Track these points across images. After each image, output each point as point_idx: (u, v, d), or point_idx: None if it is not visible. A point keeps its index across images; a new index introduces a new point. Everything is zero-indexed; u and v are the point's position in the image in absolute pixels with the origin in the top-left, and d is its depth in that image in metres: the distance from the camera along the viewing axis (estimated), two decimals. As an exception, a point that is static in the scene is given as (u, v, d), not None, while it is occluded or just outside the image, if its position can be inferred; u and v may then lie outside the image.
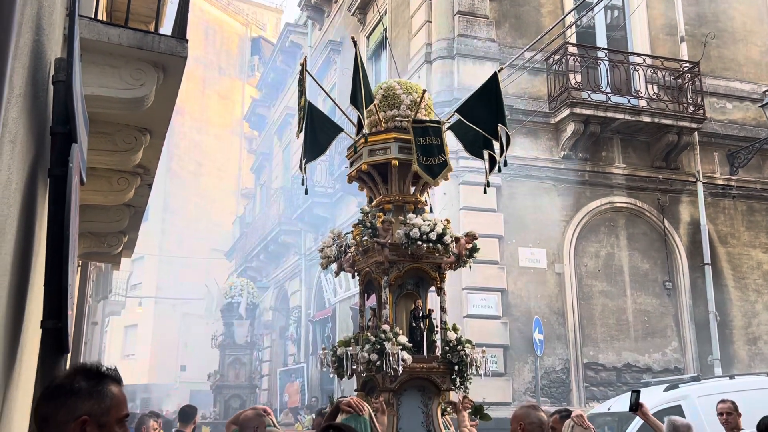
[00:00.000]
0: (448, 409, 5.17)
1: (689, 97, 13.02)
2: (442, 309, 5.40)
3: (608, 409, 9.29)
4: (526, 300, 11.86)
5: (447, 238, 5.11)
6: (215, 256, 28.86)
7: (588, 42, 13.48)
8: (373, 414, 4.30)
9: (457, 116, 5.31)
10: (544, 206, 12.35)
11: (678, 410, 8.35)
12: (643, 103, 12.75)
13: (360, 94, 4.92)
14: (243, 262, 24.63)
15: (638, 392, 5.31)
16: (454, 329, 5.29)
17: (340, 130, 5.54)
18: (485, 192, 5.53)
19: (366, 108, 5.05)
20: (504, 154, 5.10)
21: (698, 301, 12.68)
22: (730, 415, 6.17)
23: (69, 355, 3.53)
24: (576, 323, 11.99)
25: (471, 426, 5.12)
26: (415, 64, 13.37)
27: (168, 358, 29.59)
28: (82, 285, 8.06)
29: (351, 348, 5.13)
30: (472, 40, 12.83)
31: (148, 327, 29.99)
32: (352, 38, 5.36)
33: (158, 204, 29.74)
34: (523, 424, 3.64)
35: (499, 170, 5.30)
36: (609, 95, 12.51)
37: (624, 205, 12.87)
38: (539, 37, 11.21)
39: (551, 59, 12.54)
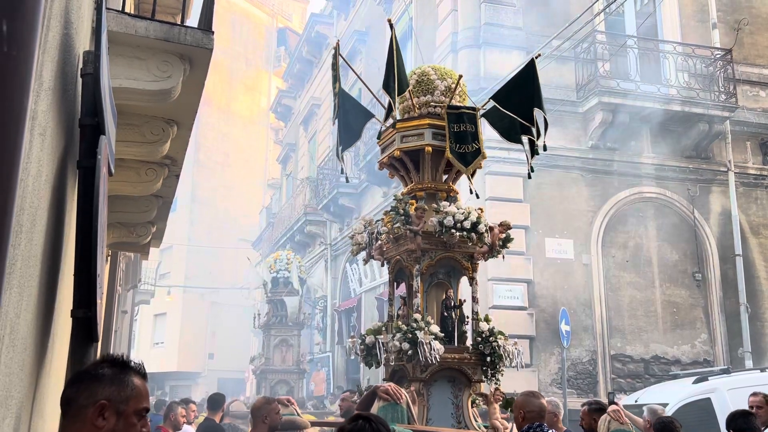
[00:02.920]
0: (478, 401, 5.12)
1: (721, 85, 12.77)
2: (474, 299, 5.32)
3: (635, 401, 9.21)
4: (552, 291, 11.78)
5: (481, 227, 5.01)
6: (242, 245, 29.12)
7: (617, 29, 13.28)
8: (411, 402, 4.23)
9: (491, 103, 5.21)
10: (571, 196, 12.23)
11: (707, 403, 8.25)
12: (673, 91, 12.53)
13: (393, 79, 4.80)
14: (269, 251, 24.83)
15: (613, 393, 6.09)
16: (486, 320, 5.21)
17: (371, 116, 5.46)
18: (530, 177, 5.34)
19: (400, 94, 4.94)
20: (543, 138, 4.99)
21: (729, 293, 12.48)
22: (761, 408, 6.05)
23: (99, 344, 3.60)
24: (603, 314, 11.89)
25: (502, 418, 5.07)
26: (441, 53, 13.29)
27: (196, 347, 29.99)
28: (111, 274, 8.18)
29: (382, 336, 5.07)
30: (498, 28, 12.71)
31: (176, 315, 30.39)
32: (389, 20, 5.25)
33: (186, 195, 30.04)
34: (523, 412, 3.67)
35: (537, 153, 5.17)
36: (638, 84, 12.31)
37: (653, 195, 12.69)
38: (567, 25, 11.06)
39: (579, 47, 12.37)
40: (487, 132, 5.55)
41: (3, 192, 0.83)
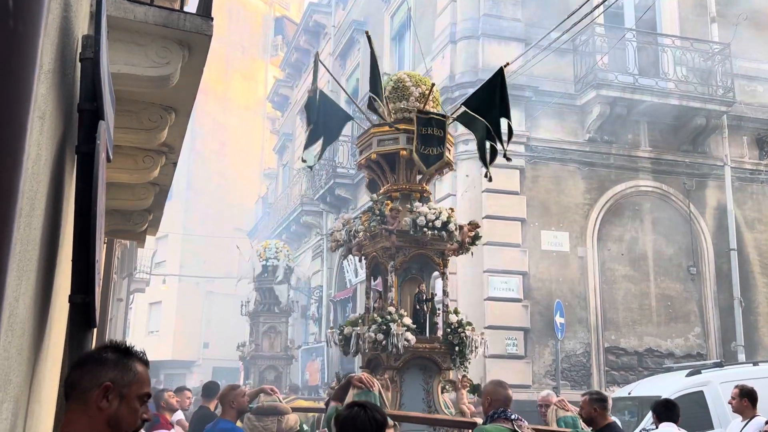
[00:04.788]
0: (447, 387, 5.46)
1: (719, 79, 12.77)
2: (445, 293, 5.68)
3: (629, 393, 9.26)
4: (547, 283, 11.81)
5: (451, 226, 5.38)
6: (238, 235, 29.08)
7: (616, 22, 13.25)
8: (382, 390, 4.55)
9: (463, 109, 5.50)
10: (567, 189, 12.25)
11: (700, 396, 8.30)
12: (671, 85, 12.53)
13: (380, 83, 5.19)
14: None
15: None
16: (456, 312, 5.57)
17: (349, 117, 5.86)
18: (488, 178, 5.55)
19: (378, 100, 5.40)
20: (506, 146, 5.20)
21: (723, 287, 12.53)
22: (734, 399, 6.17)
23: (95, 331, 3.60)
24: (598, 307, 11.93)
25: (469, 403, 5.40)
26: (439, 45, 13.25)
27: (191, 335, 30.01)
28: (107, 262, 8.17)
29: (359, 328, 5.42)
30: (497, 19, 12.67)
31: (171, 304, 30.38)
32: (366, 33, 5.64)
33: (182, 183, 29.94)
34: (490, 398, 4.06)
35: (492, 160, 5.42)
36: (636, 77, 12.31)
37: (649, 188, 12.71)
38: (566, 17, 11.03)
39: (578, 40, 12.34)
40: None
41: (9, 171, 0.82)
